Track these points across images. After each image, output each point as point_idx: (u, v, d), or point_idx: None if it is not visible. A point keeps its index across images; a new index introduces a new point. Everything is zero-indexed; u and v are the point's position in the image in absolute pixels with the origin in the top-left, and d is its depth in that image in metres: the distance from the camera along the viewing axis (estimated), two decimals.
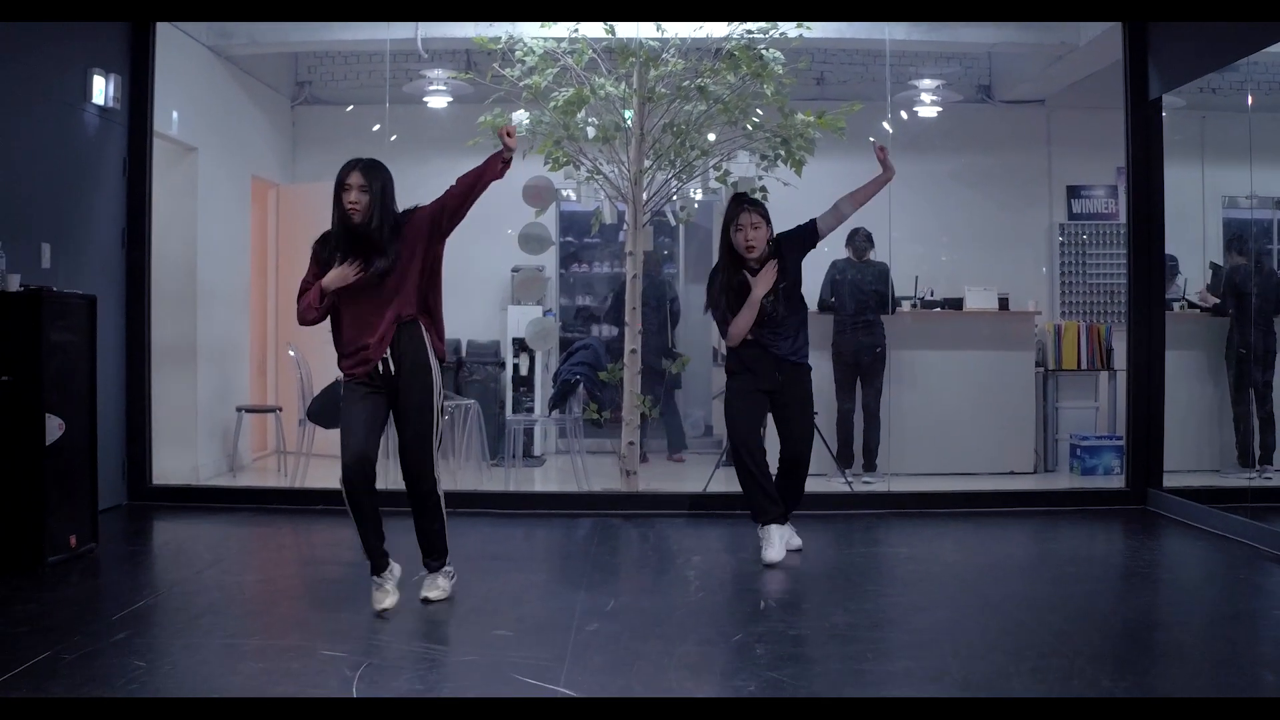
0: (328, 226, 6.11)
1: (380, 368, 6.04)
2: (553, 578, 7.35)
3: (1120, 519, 9.01)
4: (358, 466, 5.95)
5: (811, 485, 9.94)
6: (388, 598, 6.08)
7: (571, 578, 7.09)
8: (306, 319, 6.11)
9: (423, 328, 6.12)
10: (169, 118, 9.93)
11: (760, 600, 6.32)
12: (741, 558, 7.81)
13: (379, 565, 6.14)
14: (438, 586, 6.32)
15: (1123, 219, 12.69)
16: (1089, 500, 9.62)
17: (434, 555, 6.34)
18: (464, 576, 6.85)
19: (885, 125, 11.02)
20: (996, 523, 8.91)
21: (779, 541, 7.40)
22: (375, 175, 6.01)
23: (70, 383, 7.30)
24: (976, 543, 8.36)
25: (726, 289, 7.45)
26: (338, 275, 5.98)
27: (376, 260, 5.97)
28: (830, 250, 10.99)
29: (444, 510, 6.29)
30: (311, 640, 5.64)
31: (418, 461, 6.15)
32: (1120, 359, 11.05)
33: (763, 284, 7.38)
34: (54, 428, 7.05)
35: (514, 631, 5.74)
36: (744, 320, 7.40)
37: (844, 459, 10.57)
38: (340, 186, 6.01)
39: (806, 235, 7.59)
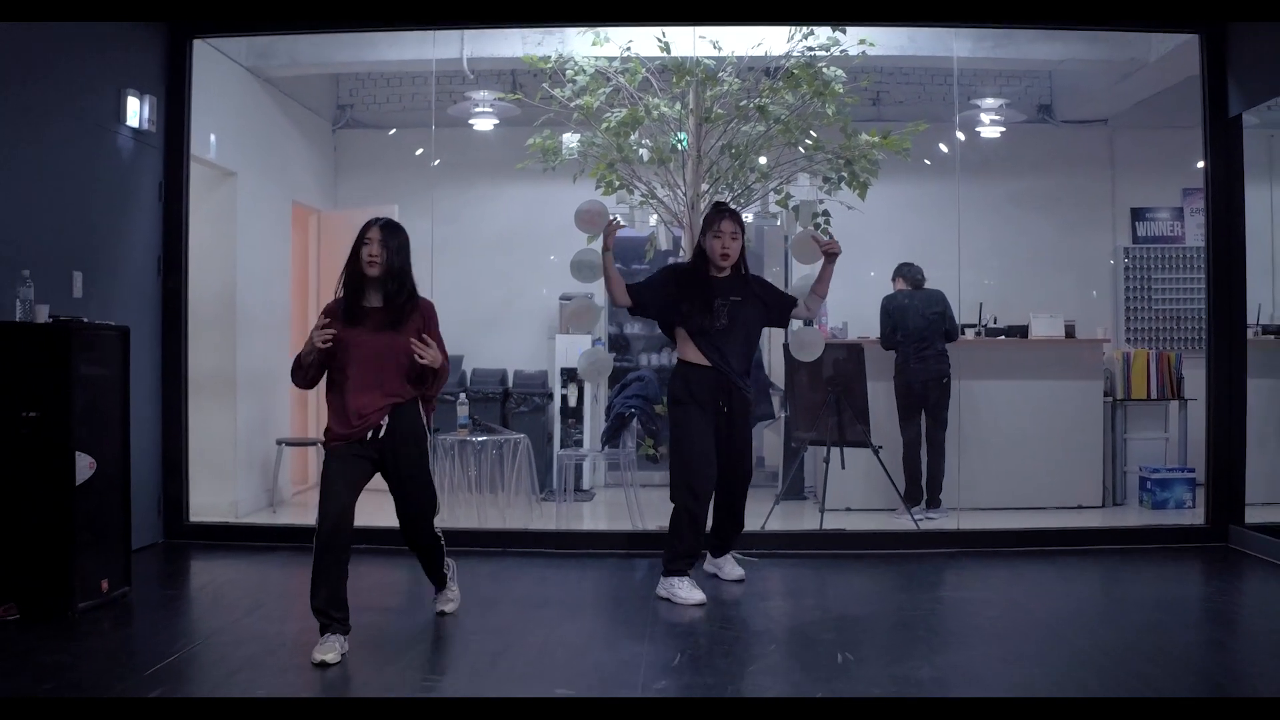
0: None
1: (369, 435, 6.10)
2: (612, 627, 6.87)
3: (1201, 558, 8.56)
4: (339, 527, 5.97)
5: (875, 524, 9.68)
6: (330, 652, 5.77)
7: (632, 627, 6.62)
8: (295, 381, 6.23)
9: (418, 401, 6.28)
10: (206, 141, 9.62)
11: (838, 653, 5.87)
12: (807, 604, 7.44)
13: (325, 620, 5.90)
14: (449, 600, 6.74)
15: (1189, 242, 12.58)
16: (1166, 537, 9.15)
17: (440, 584, 6.74)
18: (517, 626, 6.56)
19: (942, 147, 10.76)
20: (1071, 562, 8.44)
21: (691, 584, 7.25)
22: (393, 234, 6.13)
23: (101, 418, 6.94)
24: (1054, 585, 7.88)
25: (675, 278, 7.47)
26: (317, 335, 6.03)
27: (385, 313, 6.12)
28: (876, 286, 10.85)
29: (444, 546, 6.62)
30: (358, 698, 5.26)
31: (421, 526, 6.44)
32: (1190, 388, 10.84)
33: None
34: (84, 466, 6.69)
35: (575, 689, 5.33)
36: (612, 283, 7.37)
37: (912, 496, 10.16)
38: (360, 240, 6.10)
39: (782, 303, 7.58)
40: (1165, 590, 7.84)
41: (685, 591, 7.17)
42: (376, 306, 6.09)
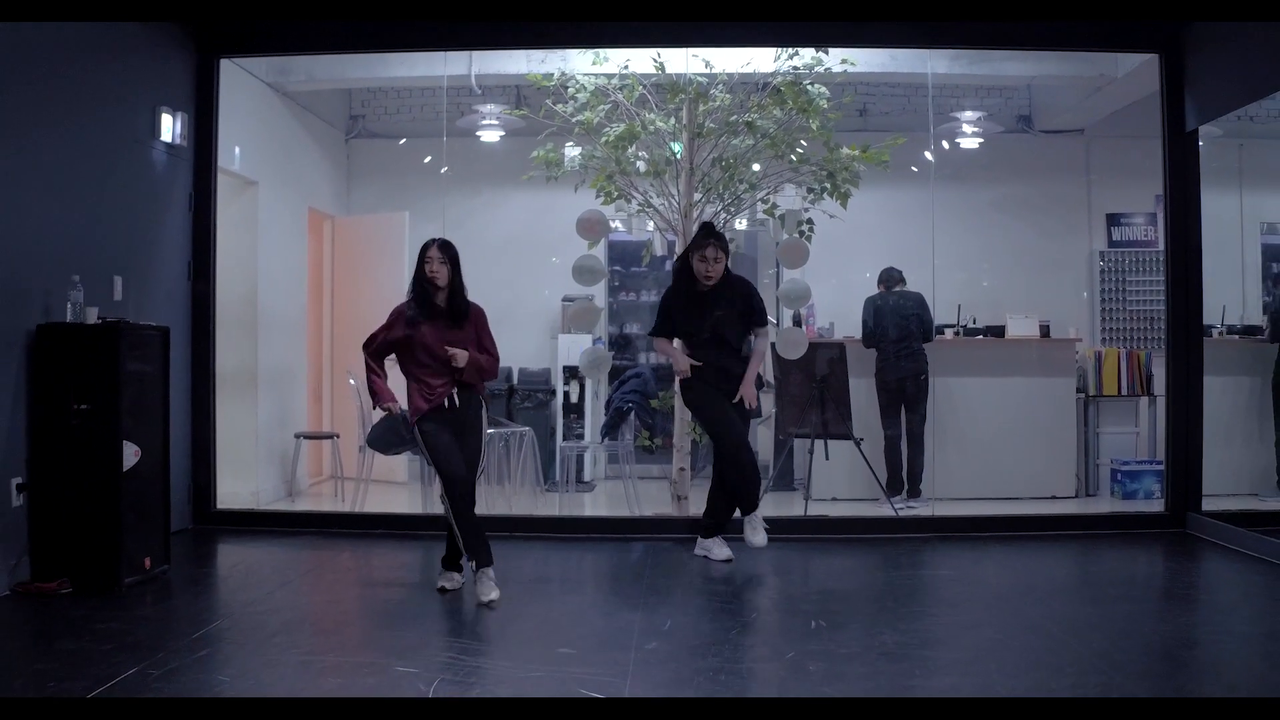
0: (381, 257, 6.91)
1: (446, 403, 7.28)
2: (609, 599, 7.62)
3: (1159, 542, 9.14)
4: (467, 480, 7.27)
5: (857, 510, 10.26)
6: (495, 590, 7.05)
7: (628, 599, 7.34)
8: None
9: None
10: (231, 153, 10.20)
11: (811, 620, 6.54)
12: (790, 579, 8.13)
13: (489, 559, 7.14)
14: (453, 579, 7.45)
15: (1162, 246, 12.84)
16: (1129, 524, 9.74)
17: (453, 562, 7.49)
18: (523, 598, 7.21)
19: (927, 154, 11.27)
20: (1038, 546, 9.05)
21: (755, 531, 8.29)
22: (448, 251, 7.45)
23: (145, 411, 7.62)
24: (1019, 565, 8.52)
25: (679, 297, 8.37)
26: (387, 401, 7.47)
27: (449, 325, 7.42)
28: (860, 288, 11.36)
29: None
30: (384, 658, 5.89)
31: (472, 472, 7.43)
32: (1160, 385, 11.11)
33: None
34: (130, 454, 7.35)
35: (576, 649, 5.99)
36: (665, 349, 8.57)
37: (893, 486, 10.73)
38: (422, 257, 7.40)
39: (751, 319, 8.37)
40: (1122, 570, 8.52)
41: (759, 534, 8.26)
42: (442, 308, 7.39)
